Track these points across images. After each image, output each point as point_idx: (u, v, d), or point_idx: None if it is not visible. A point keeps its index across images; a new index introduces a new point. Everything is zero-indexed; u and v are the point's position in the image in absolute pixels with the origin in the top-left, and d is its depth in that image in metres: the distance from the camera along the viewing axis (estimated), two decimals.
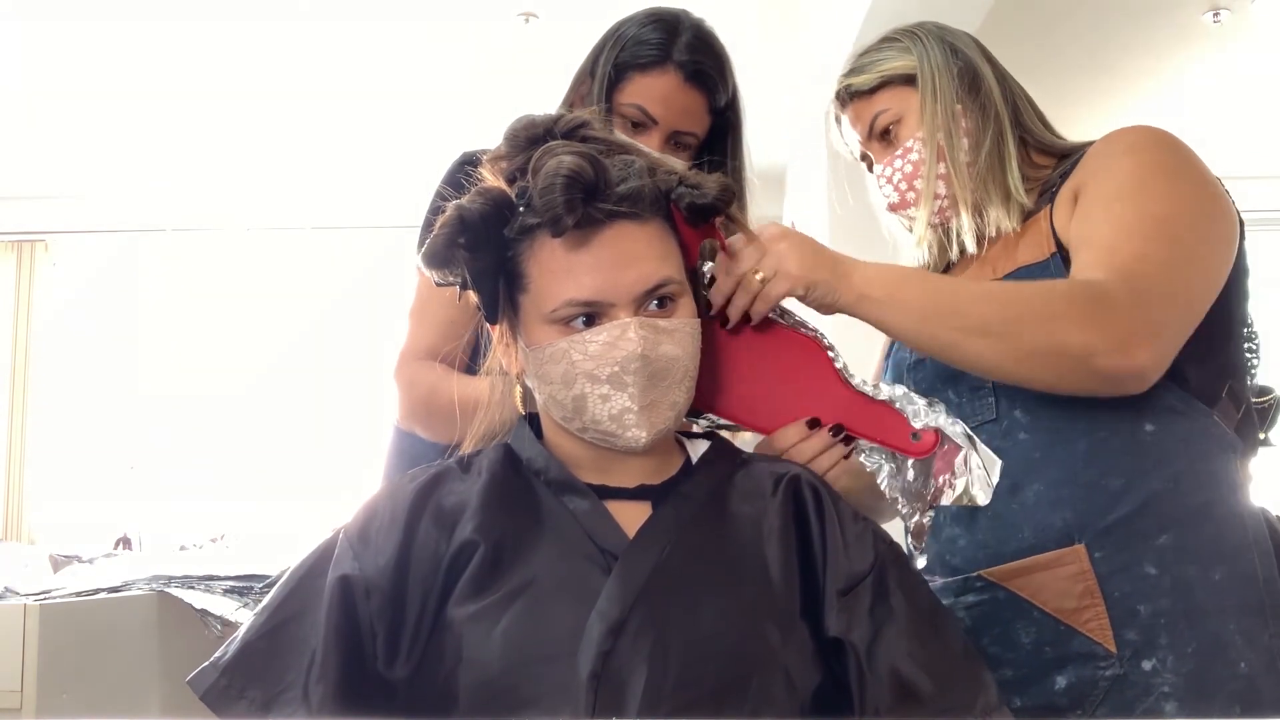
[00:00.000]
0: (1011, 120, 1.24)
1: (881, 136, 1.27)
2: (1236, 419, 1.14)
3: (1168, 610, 1.07)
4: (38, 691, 1.61)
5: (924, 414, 1.02)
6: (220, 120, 4.16)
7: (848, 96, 1.30)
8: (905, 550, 0.99)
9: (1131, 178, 1.11)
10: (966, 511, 1.15)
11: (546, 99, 1.41)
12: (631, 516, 0.91)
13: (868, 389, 1.05)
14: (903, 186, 1.25)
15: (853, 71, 1.29)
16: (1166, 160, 1.12)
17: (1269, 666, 1.07)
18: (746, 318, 1.05)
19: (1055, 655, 1.10)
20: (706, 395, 1.05)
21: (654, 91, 1.35)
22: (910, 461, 1.02)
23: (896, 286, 1.06)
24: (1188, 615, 1.06)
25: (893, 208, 1.29)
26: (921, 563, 1.06)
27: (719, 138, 1.41)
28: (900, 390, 1.04)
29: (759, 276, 1.02)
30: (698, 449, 1.01)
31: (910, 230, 1.29)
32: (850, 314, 1.07)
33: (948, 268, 1.29)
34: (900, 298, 1.06)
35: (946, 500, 0.99)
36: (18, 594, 1.77)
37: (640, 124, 1.35)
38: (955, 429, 1.00)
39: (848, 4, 3.19)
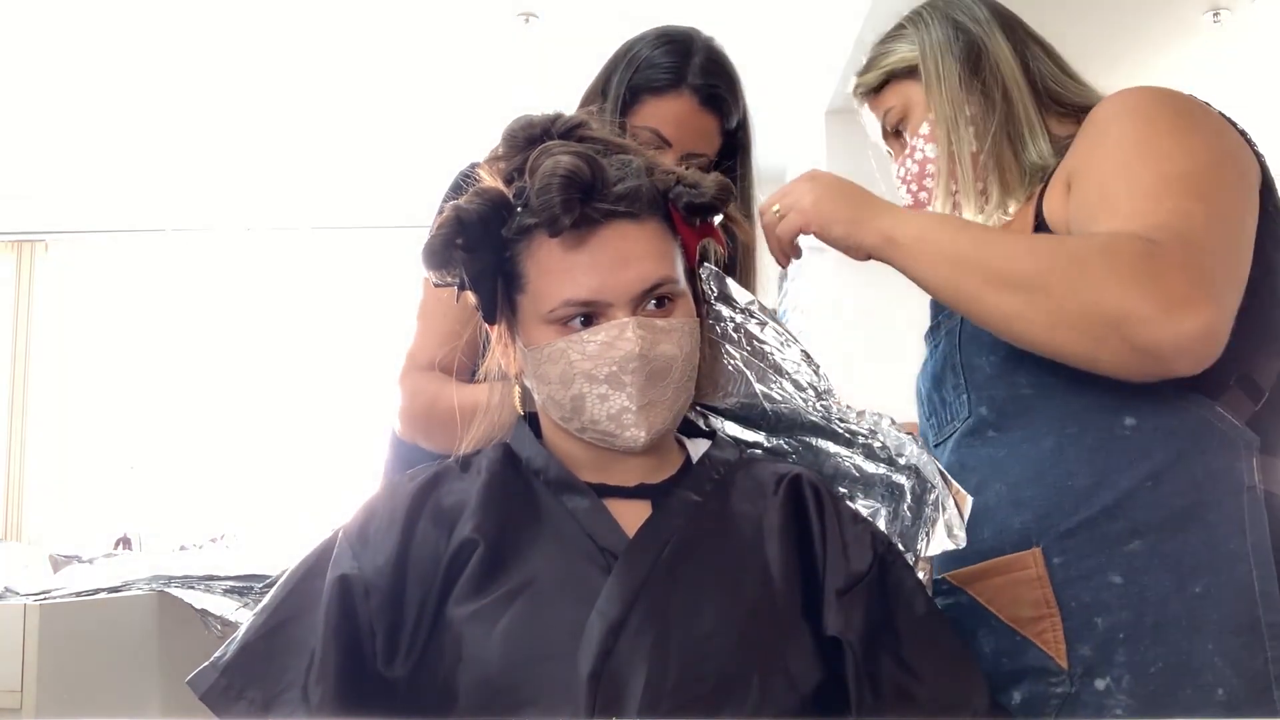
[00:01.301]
0: (1029, 86, 1.14)
1: (895, 134, 1.23)
2: (1253, 410, 1.00)
3: (1129, 624, 0.95)
4: (38, 691, 1.61)
5: (906, 448, 1.01)
6: (220, 120, 4.16)
7: (860, 96, 1.27)
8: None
9: (1138, 141, 1.00)
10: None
11: (546, 99, 1.42)
12: (631, 516, 0.91)
13: (850, 414, 1.05)
14: (914, 188, 1.21)
15: (863, 69, 1.25)
16: (1170, 120, 1.01)
17: (1258, 694, 0.92)
18: None
19: (1012, 668, 1.01)
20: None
21: (668, 115, 1.36)
22: (906, 504, 1.02)
23: (926, 230, 1.01)
24: (1156, 630, 0.94)
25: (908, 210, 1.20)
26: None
27: (729, 157, 1.42)
28: (886, 421, 1.04)
29: (775, 209, 1.04)
30: (698, 448, 1.01)
31: None
32: (878, 258, 1.04)
33: None
34: (928, 241, 0.99)
35: (933, 549, 0.98)
36: (18, 594, 1.77)
37: (656, 147, 1.35)
38: (930, 468, 0.99)
39: (848, 3, 3.19)
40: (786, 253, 1.14)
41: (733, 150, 1.42)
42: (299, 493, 4.57)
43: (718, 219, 1.01)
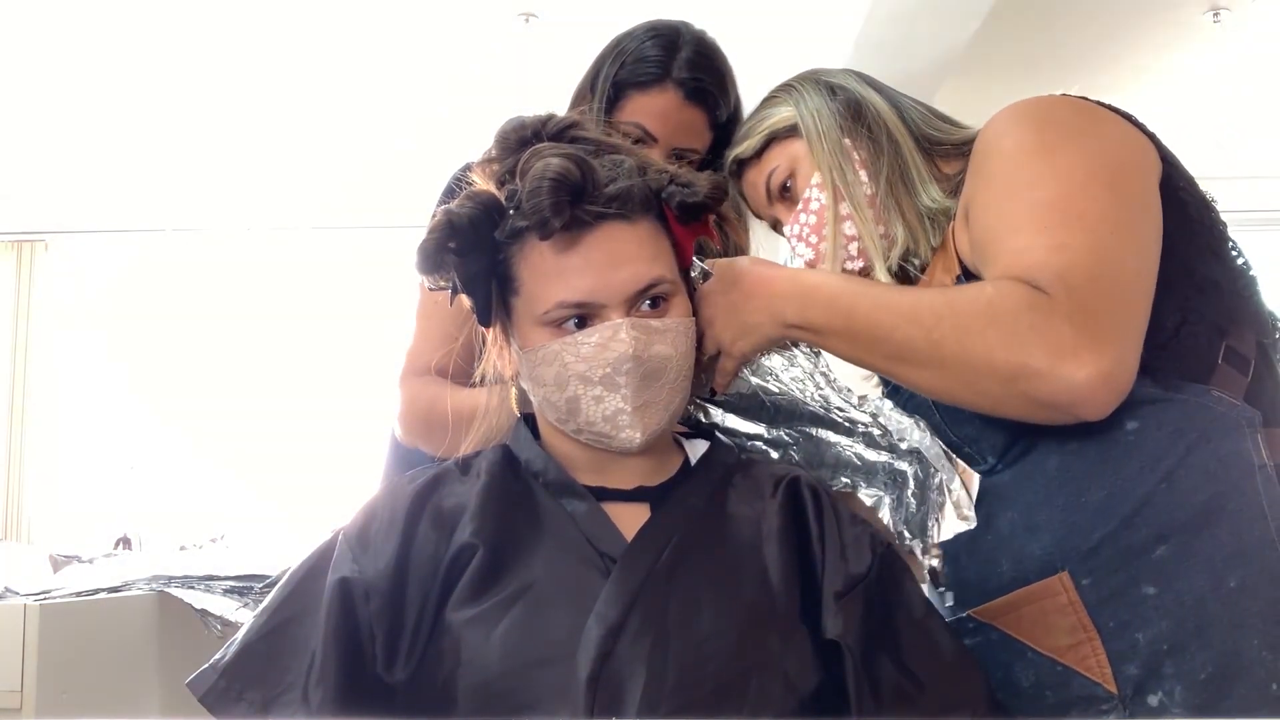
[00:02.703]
0: (910, 134, 1.16)
1: (782, 195, 1.22)
2: (1245, 383, 0.97)
3: (1171, 633, 0.91)
4: (38, 691, 1.61)
5: (910, 432, 1.01)
6: (220, 120, 4.16)
7: (737, 168, 1.25)
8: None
9: (1008, 172, 0.99)
10: (949, 544, 1.03)
11: (546, 99, 1.41)
12: (630, 519, 0.91)
13: (852, 399, 1.05)
14: (813, 240, 1.18)
15: (736, 142, 1.25)
16: (1032, 139, 1.00)
17: None
18: None
19: (1057, 700, 0.96)
20: None
21: (653, 110, 1.34)
22: (909, 491, 1.02)
23: (814, 313, 0.99)
24: (1199, 634, 0.90)
25: (810, 265, 1.19)
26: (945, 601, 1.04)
27: (721, 152, 1.38)
28: (888, 405, 1.04)
29: (705, 359, 1.03)
30: (696, 450, 1.01)
31: None
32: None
33: None
34: (821, 326, 0.99)
35: (945, 533, 0.98)
36: (18, 594, 1.77)
37: (640, 141, 1.33)
38: (934, 450, 0.99)
39: (849, 3, 3.18)
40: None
41: (725, 145, 1.38)
42: (299, 493, 4.57)
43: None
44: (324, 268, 4.90)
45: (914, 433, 1.01)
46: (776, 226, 1.26)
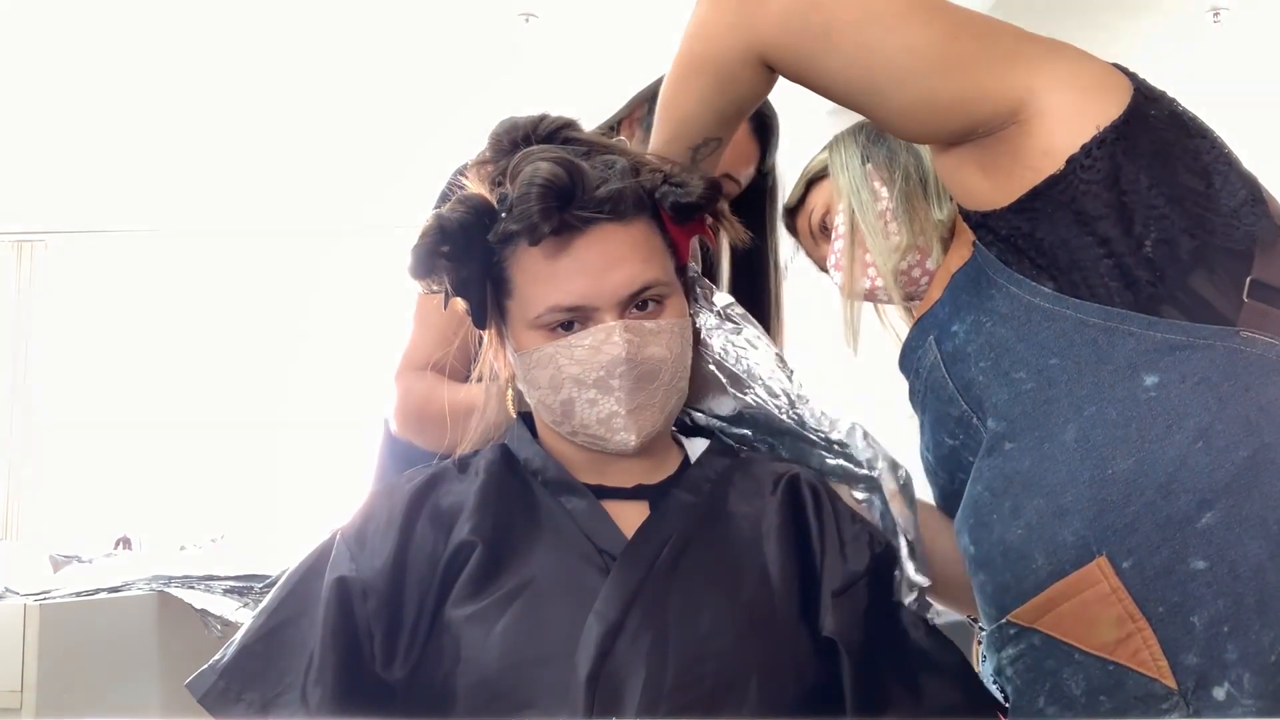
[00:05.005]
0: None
1: (823, 233, 1.27)
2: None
3: (1230, 612, 0.79)
4: (38, 691, 1.61)
5: (878, 463, 1.01)
6: (220, 120, 4.16)
7: (790, 219, 1.31)
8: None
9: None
10: (979, 550, 0.95)
11: (546, 99, 1.41)
12: (629, 516, 0.91)
13: (825, 421, 1.04)
14: (844, 263, 1.21)
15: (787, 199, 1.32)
16: None
17: None
18: None
19: (1114, 705, 0.84)
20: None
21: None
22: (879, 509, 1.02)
23: None
24: (1262, 609, 0.79)
25: (841, 289, 1.23)
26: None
27: (756, 200, 1.44)
28: (859, 433, 1.02)
29: None
30: (696, 448, 1.01)
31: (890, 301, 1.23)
32: None
33: None
34: None
35: (905, 596, 0.97)
36: (18, 594, 1.77)
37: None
38: (890, 487, 0.99)
39: None
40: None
41: (760, 192, 1.44)
42: (299, 493, 4.57)
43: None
44: (323, 268, 4.90)
45: (880, 465, 1.02)
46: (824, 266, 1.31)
